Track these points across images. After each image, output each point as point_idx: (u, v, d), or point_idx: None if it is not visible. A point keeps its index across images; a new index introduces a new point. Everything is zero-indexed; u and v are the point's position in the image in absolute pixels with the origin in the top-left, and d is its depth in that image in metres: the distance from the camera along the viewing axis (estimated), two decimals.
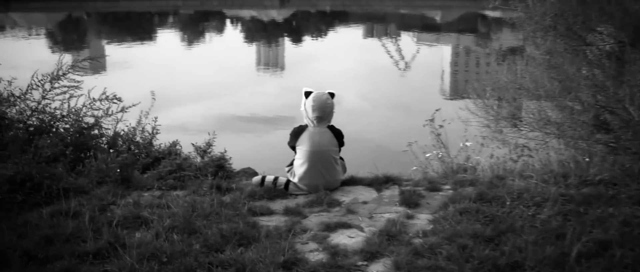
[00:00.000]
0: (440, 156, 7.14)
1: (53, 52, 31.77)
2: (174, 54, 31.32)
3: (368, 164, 10.31)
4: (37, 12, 54.01)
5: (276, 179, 6.03)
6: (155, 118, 7.74)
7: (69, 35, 40.73)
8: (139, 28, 44.73)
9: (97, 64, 28.24)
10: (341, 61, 28.06)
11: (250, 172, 7.85)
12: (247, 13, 54.03)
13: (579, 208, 4.96)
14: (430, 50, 33.79)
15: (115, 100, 7.49)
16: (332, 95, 6.09)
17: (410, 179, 6.28)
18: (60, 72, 7.33)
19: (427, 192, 5.81)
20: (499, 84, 9.08)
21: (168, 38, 39.30)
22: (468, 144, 7.17)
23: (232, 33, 43.70)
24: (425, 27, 45.98)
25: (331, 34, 42.01)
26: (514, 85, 8.70)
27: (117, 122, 7.53)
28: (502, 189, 5.50)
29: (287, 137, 6.19)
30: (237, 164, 7.05)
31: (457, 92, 22.75)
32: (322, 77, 22.27)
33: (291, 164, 6.17)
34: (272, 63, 31.01)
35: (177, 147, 7.47)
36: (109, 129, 7.50)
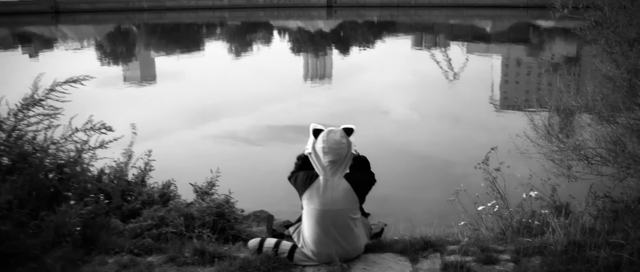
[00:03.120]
0: (496, 208, 5.44)
1: (102, 64, 31.28)
2: (223, 65, 30.64)
3: (408, 190, 8.84)
4: (86, 25, 54.08)
5: (278, 244, 4.50)
6: (149, 152, 6.26)
7: (118, 47, 40.07)
8: (187, 39, 43.94)
9: (147, 75, 27.74)
10: (389, 71, 26.91)
11: (261, 217, 6.39)
12: (294, 24, 52.84)
13: None
14: (480, 60, 32.07)
15: (103, 130, 6.00)
16: (348, 132, 4.49)
17: (457, 242, 4.66)
18: (36, 96, 5.89)
19: (478, 265, 4.21)
20: (564, 105, 7.36)
21: (216, 49, 38.42)
22: (533, 194, 5.46)
23: (279, 44, 42.46)
24: (475, 37, 43.98)
25: (379, 44, 40.48)
26: (582, 109, 6.99)
27: (87, 161, 5.89)
28: (582, 265, 3.88)
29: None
30: (266, 187, 5.63)
31: (507, 103, 21.62)
32: (369, 88, 21.80)
33: (299, 221, 4.62)
34: (320, 73, 29.91)
35: (172, 188, 6.00)
36: (93, 165, 6.00)
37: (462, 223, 5.51)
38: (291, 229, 4.62)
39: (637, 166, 6.52)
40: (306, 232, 4.39)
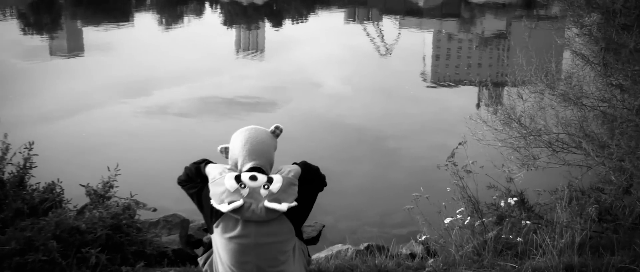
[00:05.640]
0: (467, 221, 4.24)
1: (25, 34, 29.18)
2: (153, 37, 29.27)
3: (342, 163, 8.38)
4: None
5: None
6: (30, 143, 4.82)
7: (42, 18, 37.31)
8: (115, 10, 41.49)
9: (75, 46, 25.85)
10: (322, 45, 26.43)
11: (173, 223, 5.14)
12: None
13: None
14: (412, 35, 31.54)
15: None
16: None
17: (421, 267, 3.47)
18: None
19: None
20: (520, 78, 6.37)
21: (146, 21, 36.49)
22: (512, 201, 4.34)
23: (211, 16, 40.83)
24: (408, 11, 43.36)
25: (312, 18, 39.47)
26: (546, 91, 6.00)
27: None
28: None
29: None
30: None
31: (437, 77, 22.39)
32: (303, 61, 21.54)
33: (210, 247, 3.26)
34: (252, 47, 29.06)
35: (57, 190, 4.61)
36: None
37: (424, 237, 4.34)
38: (201, 260, 3.31)
39: (604, 152, 5.56)
40: (221, 269, 3.11)
